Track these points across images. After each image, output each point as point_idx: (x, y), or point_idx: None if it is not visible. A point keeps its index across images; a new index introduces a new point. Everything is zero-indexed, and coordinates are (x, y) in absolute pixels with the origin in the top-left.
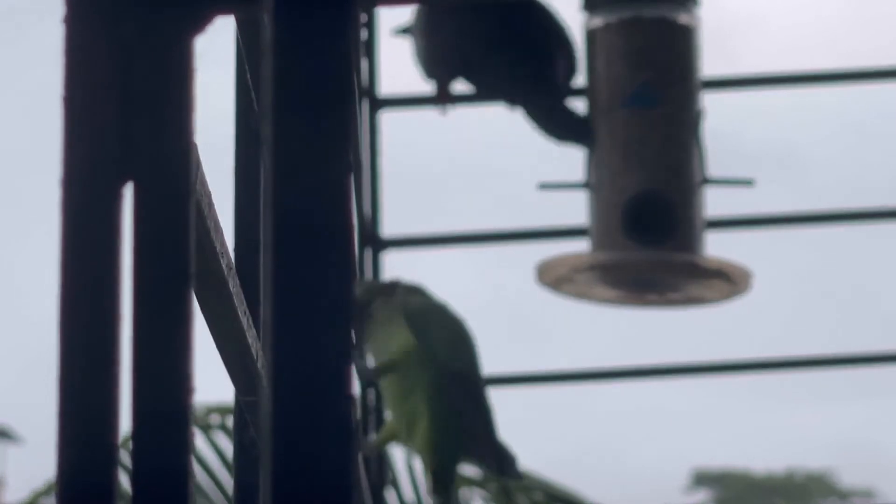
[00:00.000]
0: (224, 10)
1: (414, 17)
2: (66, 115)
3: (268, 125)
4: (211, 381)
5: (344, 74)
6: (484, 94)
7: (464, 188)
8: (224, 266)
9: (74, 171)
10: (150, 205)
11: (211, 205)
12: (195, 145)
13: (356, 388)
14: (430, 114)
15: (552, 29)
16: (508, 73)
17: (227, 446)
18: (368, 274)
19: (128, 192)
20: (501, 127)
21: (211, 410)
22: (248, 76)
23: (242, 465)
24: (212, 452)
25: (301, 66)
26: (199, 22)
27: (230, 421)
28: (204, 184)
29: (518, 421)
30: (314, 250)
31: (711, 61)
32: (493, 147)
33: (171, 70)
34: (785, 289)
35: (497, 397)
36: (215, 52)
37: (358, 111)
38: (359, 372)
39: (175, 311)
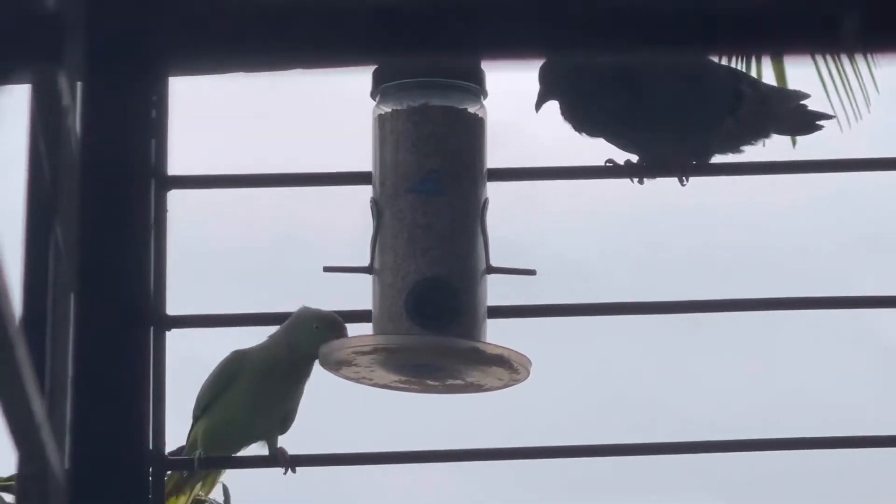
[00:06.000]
0: (22, 67)
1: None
2: None
3: (69, 201)
4: None
5: (141, 151)
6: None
7: (251, 270)
8: (11, 331)
9: None
10: None
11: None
12: None
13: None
14: (218, 194)
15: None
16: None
17: None
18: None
19: None
20: (293, 208)
21: None
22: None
23: None
24: None
25: (103, 142)
26: None
27: (8, 497)
28: None
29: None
30: (111, 316)
31: (498, 152)
32: (285, 229)
33: None
34: (564, 378)
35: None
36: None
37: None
38: None
39: None
